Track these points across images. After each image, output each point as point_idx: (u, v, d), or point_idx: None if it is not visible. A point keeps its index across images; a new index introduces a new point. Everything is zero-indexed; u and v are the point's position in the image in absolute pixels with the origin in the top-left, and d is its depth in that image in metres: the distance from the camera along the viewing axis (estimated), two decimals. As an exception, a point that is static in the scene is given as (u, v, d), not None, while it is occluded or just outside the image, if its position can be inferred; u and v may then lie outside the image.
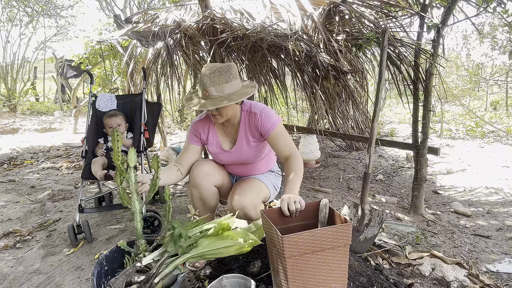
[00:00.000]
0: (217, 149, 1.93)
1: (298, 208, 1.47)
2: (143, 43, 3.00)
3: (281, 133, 1.79)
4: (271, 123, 1.78)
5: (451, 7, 2.32)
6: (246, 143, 1.87)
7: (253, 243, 1.44)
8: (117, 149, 1.45)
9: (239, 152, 1.89)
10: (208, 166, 1.89)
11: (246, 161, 1.93)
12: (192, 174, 1.85)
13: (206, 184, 1.84)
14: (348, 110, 4.28)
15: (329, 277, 1.32)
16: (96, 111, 2.62)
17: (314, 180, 3.51)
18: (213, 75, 1.64)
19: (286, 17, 2.74)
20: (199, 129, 1.91)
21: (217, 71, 1.65)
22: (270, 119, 1.78)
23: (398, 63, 2.63)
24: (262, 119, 1.78)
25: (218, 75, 1.65)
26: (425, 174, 2.56)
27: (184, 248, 1.41)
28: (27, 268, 1.99)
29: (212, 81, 1.64)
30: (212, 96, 1.65)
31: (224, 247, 1.40)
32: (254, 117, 1.81)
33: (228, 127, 1.91)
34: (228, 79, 1.67)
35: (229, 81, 1.67)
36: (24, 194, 3.27)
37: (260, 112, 1.80)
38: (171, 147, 3.74)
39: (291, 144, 1.79)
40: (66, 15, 12.26)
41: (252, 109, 1.83)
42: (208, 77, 1.64)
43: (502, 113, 7.16)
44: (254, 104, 1.85)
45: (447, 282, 1.70)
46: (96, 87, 5.82)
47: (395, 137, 5.71)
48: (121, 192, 1.47)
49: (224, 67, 1.67)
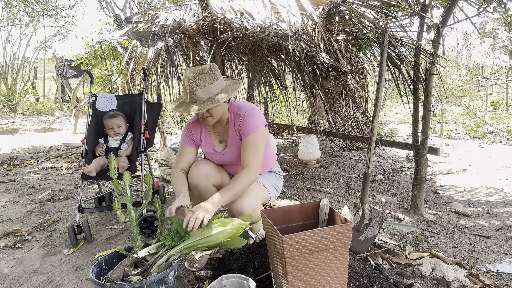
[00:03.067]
0: (210, 149, 1.94)
1: (195, 227, 1.44)
2: (143, 43, 3.00)
3: (254, 142, 1.74)
4: (249, 128, 1.75)
5: (451, 7, 2.32)
6: (236, 145, 1.86)
7: (240, 227, 1.48)
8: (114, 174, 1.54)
9: (231, 153, 1.89)
10: (206, 166, 1.89)
11: (239, 162, 1.94)
12: (191, 175, 1.85)
13: (205, 184, 1.85)
14: (348, 110, 4.28)
15: (329, 277, 1.32)
16: (96, 111, 2.62)
17: (314, 180, 3.50)
18: (198, 77, 1.63)
19: (286, 17, 2.74)
20: (192, 131, 1.92)
21: (201, 73, 1.64)
22: (250, 123, 1.75)
23: (398, 63, 2.63)
24: (244, 121, 1.77)
25: (203, 76, 1.64)
26: (425, 174, 2.56)
27: (178, 240, 1.46)
28: (27, 268, 1.99)
29: (198, 84, 1.63)
30: (200, 99, 1.64)
31: (214, 234, 1.44)
32: (238, 118, 1.81)
33: (218, 128, 1.91)
34: (212, 79, 1.66)
35: (214, 81, 1.67)
36: (24, 194, 3.27)
37: (243, 114, 1.78)
38: (171, 147, 3.74)
39: (256, 157, 1.72)
40: (66, 15, 12.27)
41: (238, 110, 1.82)
42: (193, 80, 1.63)
43: (502, 113, 7.16)
44: (242, 106, 1.84)
45: (447, 282, 1.70)
46: (96, 87, 5.82)
47: (395, 137, 5.71)
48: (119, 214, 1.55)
49: (207, 68, 1.67)
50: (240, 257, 1.79)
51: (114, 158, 1.54)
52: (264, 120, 1.83)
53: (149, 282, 1.31)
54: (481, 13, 2.43)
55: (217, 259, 1.89)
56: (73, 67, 9.74)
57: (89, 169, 2.28)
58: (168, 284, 1.40)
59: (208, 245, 1.45)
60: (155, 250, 1.47)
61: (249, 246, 1.86)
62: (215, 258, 1.91)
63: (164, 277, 1.36)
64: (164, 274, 1.36)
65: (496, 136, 5.40)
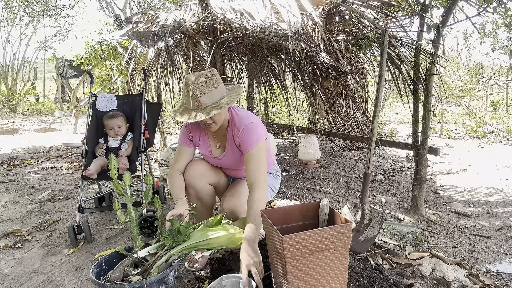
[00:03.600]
0: (207, 153, 1.94)
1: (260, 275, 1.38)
2: (143, 43, 3.00)
3: (256, 156, 1.70)
4: (249, 144, 1.71)
5: (451, 7, 2.32)
6: (233, 152, 1.85)
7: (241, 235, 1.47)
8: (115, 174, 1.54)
9: (229, 159, 1.89)
10: (202, 166, 1.90)
11: (236, 167, 1.95)
12: (187, 174, 1.85)
13: (201, 183, 1.86)
14: (348, 110, 4.28)
15: (329, 277, 1.32)
16: (96, 111, 2.62)
17: (314, 180, 3.50)
18: (201, 83, 1.60)
19: (286, 17, 2.74)
20: (191, 132, 1.90)
21: (203, 79, 1.62)
22: (250, 138, 1.71)
23: (398, 63, 2.63)
24: (243, 137, 1.73)
25: (205, 82, 1.61)
26: (425, 174, 2.56)
27: (179, 241, 1.46)
28: (27, 268, 1.99)
29: (201, 90, 1.60)
30: (204, 105, 1.61)
31: (215, 237, 1.44)
32: (236, 132, 1.77)
33: (217, 133, 1.89)
34: (215, 84, 1.64)
35: (216, 86, 1.65)
36: (24, 194, 3.27)
37: (242, 129, 1.74)
38: (171, 147, 3.75)
39: (261, 171, 1.68)
40: (66, 15, 12.28)
41: (236, 123, 1.78)
42: (196, 86, 1.60)
43: (502, 113, 7.16)
44: (240, 118, 1.79)
45: (447, 282, 1.70)
46: (96, 87, 5.82)
47: (395, 137, 5.71)
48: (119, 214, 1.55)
49: (209, 73, 1.64)
50: (240, 257, 1.79)
51: (114, 159, 1.54)
52: (263, 132, 1.79)
53: (149, 282, 1.31)
54: (481, 13, 2.43)
55: (217, 259, 1.89)
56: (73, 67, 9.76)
57: (91, 171, 2.27)
58: (168, 284, 1.41)
59: (208, 247, 1.46)
60: (155, 250, 1.48)
61: (249, 246, 1.86)
62: (215, 258, 1.91)
63: (164, 277, 1.37)
64: (164, 274, 1.36)
65: (496, 136, 5.40)
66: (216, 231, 1.46)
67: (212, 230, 1.47)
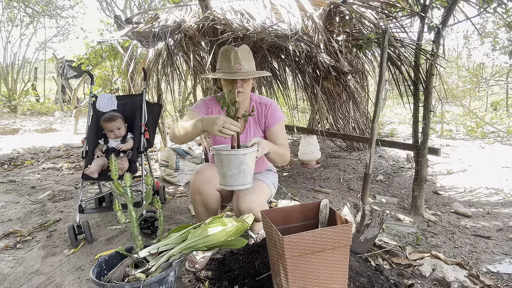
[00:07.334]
0: None
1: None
2: (144, 43, 3.00)
3: (282, 129, 1.99)
4: (278, 117, 1.98)
5: (451, 7, 2.32)
6: (253, 131, 1.99)
7: (241, 227, 1.47)
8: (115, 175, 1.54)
9: (244, 139, 1.94)
10: (210, 171, 1.86)
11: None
12: (195, 181, 1.83)
13: (210, 189, 1.83)
14: (349, 110, 4.27)
15: (329, 278, 1.32)
16: (97, 112, 2.62)
17: (315, 180, 3.50)
18: (243, 51, 1.81)
19: (287, 17, 2.74)
20: (211, 106, 1.99)
21: (245, 49, 1.83)
22: (278, 113, 1.99)
23: (399, 63, 2.63)
24: (272, 111, 1.97)
25: (247, 52, 1.83)
26: (426, 175, 2.56)
27: (178, 241, 1.48)
28: (27, 268, 1.99)
29: (244, 57, 1.80)
30: (243, 69, 1.79)
31: (213, 234, 1.44)
32: (264, 108, 1.98)
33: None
34: (252, 57, 1.87)
35: (252, 59, 1.86)
36: (24, 194, 3.27)
37: (270, 103, 2.00)
38: (171, 148, 3.75)
39: (286, 141, 1.98)
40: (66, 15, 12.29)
41: (262, 100, 2.01)
42: (240, 52, 1.79)
43: (503, 113, 7.16)
44: (262, 97, 2.05)
45: (448, 283, 1.70)
46: (97, 88, 5.83)
47: (396, 137, 5.71)
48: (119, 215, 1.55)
49: (246, 47, 1.85)
50: (240, 257, 1.79)
51: (115, 159, 1.54)
52: None
53: (149, 282, 1.31)
54: (481, 14, 2.43)
55: (217, 259, 1.89)
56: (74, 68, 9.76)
57: (92, 170, 2.27)
58: (168, 284, 1.40)
59: (208, 244, 1.45)
60: (156, 250, 1.48)
61: (250, 247, 1.86)
62: (215, 259, 1.91)
63: (164, 277, 1.36)
64: (164, 275, 1.36)
65: (496, 137, 5.40)
66: (214, 227, 1.46)
67: (210, 226, 1.47)
